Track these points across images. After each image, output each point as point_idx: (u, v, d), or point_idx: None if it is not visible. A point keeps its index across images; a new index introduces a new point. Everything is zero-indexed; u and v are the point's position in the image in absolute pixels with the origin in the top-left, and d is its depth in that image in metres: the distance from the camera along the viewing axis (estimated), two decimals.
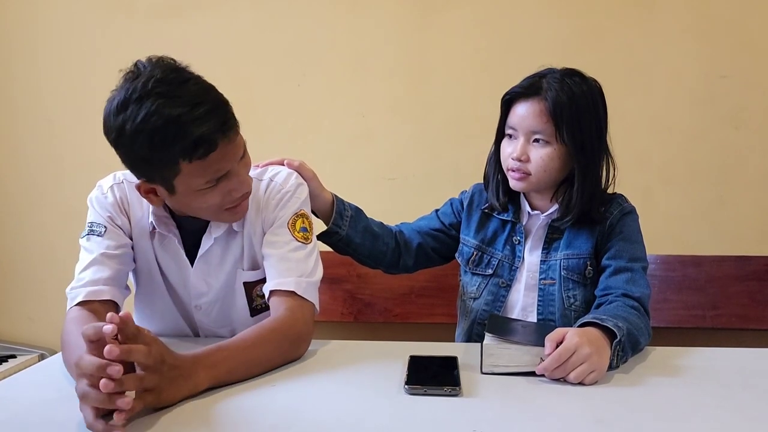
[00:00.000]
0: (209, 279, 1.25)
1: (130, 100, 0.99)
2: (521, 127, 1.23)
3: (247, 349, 1.01)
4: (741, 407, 0.90)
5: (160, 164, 1.03)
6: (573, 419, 0.85)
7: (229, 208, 1.14)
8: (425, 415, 0.87)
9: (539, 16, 1.95)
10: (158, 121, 0.98)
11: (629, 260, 1.23)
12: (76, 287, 1.12)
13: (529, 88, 1.23)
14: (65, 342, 1.03)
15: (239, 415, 0.86)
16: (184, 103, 0.99)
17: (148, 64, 1.03)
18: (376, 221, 1.44)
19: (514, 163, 1.24)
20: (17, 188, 2.18)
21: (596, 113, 1.23)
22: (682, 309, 1.88)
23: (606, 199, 1.29)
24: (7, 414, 0.89)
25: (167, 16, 2.06)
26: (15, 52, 2.13)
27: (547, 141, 1.21)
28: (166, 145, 1.00)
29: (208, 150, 1.02)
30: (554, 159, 1.22)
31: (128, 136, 1.00)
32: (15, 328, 2.20)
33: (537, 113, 1.21)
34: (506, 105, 1.28)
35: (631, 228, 1.27)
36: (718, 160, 1.94)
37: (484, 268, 1.35)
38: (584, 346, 0.98)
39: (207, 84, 1.06)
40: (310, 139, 2.06)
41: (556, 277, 1.28)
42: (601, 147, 1.26)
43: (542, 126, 1.21)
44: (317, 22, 2.03)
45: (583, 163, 1.22)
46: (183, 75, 1.03)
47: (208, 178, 1.06)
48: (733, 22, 1.90)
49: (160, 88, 0.99)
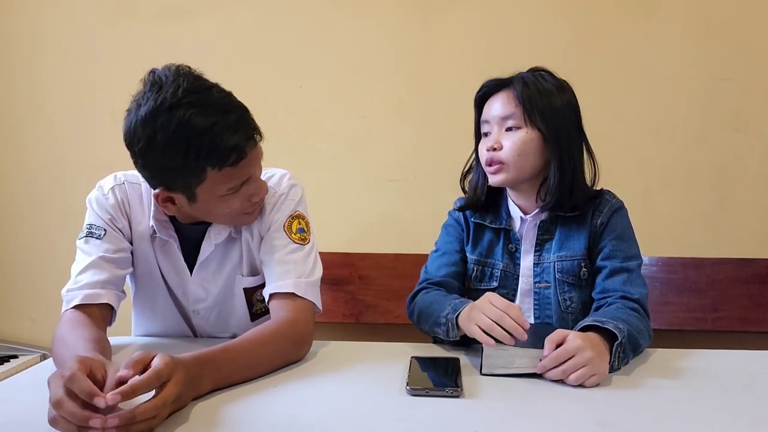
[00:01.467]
0: (207, 285, 1.25)
1: (160, 110, 0.99)
2: (492, 118, 1.25)
3: (250, 352, 1.01)
4: (742, 409, 0.90)
5: (188, 173, 1.04)
6: (574, 421, 0.85)
7: (247, 212, 1.16)
8: (427, 416, 0.87)
9: (540, 18, 1.96)
10: (192, 131, 0.99)
11: (624, 259, 1.23)
12: (72, 289, 1.12)
13: (499, 82, 1.26)
14: (60, 344, 1.01)
15: (242, 417, 0.86)
16: (216, 112, 1.01)
17: (168, 72, 1.03)
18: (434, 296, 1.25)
19: (489, 155, 1.24)
20: (19, 189, 2.19)
21: (569, 108, 1.24)
22: (683, 311, 1.88)
23: (592, 195, 1.28)
24: (8, 415, 0.89)
25: (169, 19, 2.06)
26: (17, 54, 2.14)
27: (518, 126, 1.22)
28: (199, 154, 1.01)
29: (239, 158, 1.04)
30: (527, 143, 1.21)
31: (159, 146, 1.00)
32: (17, 328, 2.21)
33: (506, 100, 1.23)
34: (479, 105, 1.29)
35: (623, 225, 1.27)
36: (718, 163, 1.95)
37: (488, 281, 1.32)
38: (586, 350, 0.98)
39: (227, 91, 1.08)
40: (312, 141, 2.06)
41: (551, 279, 1.27)
42: (579, 136, 1.25)
43: (512, 110, 1.22)
44: (319, 25, 2.03)
45: (558, 148, 1.22)
46: (205, 83, 1.05)
47: (233, 185, 1.08)
48: (734, 25, 1.91)
49: (190, 97, 1.00)
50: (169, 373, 0.82)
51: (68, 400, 0.74)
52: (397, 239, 2.03)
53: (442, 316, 1.15)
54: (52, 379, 0.78)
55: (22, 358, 2.07)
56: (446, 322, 1.13)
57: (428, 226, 1.50)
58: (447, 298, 1.20)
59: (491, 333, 1.01)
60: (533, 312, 1.29)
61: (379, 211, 2.07)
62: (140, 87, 1.04)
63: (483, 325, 1.02)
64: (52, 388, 0.77)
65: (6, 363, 2.01)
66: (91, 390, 0.75)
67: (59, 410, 0.74)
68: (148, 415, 0.78)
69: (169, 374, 0.82)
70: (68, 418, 0.74)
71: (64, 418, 0.74)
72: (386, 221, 2.06)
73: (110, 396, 0.74)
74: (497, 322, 1.01)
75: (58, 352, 1.00)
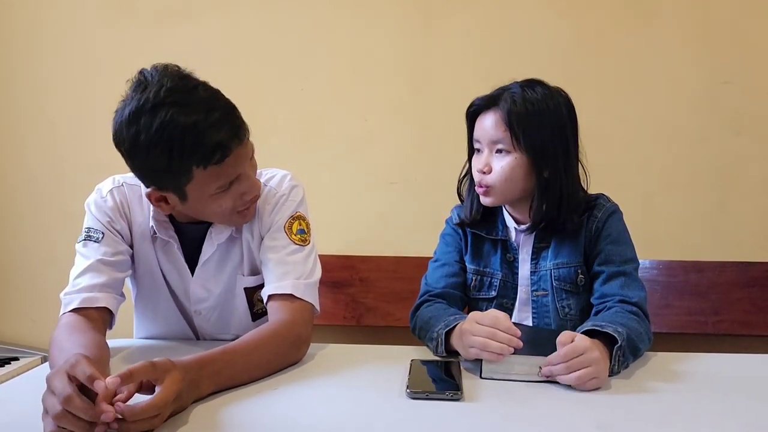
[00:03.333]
0: (209, 285, 1.25)
1: (143, 110, 0.99)
2: (483, 139, 1.24)
3: (249, 353, 1.01)
4: (742, 413, 0.90)
5: (174, 172, 1.04)
6: (574, 424, 0.85)
7: (240, 211, 1.15)
8: (427, 419, 0.87)
9: (541, 21, 1.96)
10: (174, 130, 0.99)
11: (620, 263, 1.23)
12: (70, 293, 1.12)
13: (488, 100, 1.24)
14: (56, 348, 1.01)
15: (242, 418, 0.87)
16: (198, 110, 1.00)
17: (154, 72, 1.03)
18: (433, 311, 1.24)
19: (479, 177, 1.24)
20: (19, 190, 2.19)
21: (558, 121, 1.22)
22: (683, 315, 1.88)
23: (584, 202, 1.27)
24: (9, 416, 0.89)
25: (170, 20, 2.07)
26: (18, 54, 2.14)
27: (507, 150, 1.21)
28: (183, 153, 1.00)
29: (224, 156, 1.03)
30: (515, 168, 1.21)
31: (143, 146, 1.00)
32: (17, 330, 2.21)
33: (495, 123, 1.22)
34: (471, 119, 1.28)
35: (618, 228, 1.26)
36: (719, 165, 1.95)
37: (486, 290, 1.32)
38: (594, 350, 0.98)
39: (214, 89, 1.07)
40: (313, 143, 2.06)
41: (548, 288, 1.27)
42: (567, 156, 1.23)
43: (501, 135, 1.21)
44: (320, 26, 2.04)
45: (545, 172, 1.21)
46: (191, 82, 1.04)
47: (221, 183, 1.07)
48: (735, 28, 1.91)
49: (172, 97, 0.99)
50: (165, 367, 0.83)
51: (78, 396, 0.75)
52: (398, 241, 2.03)
53: (434, 331, 1.15)
54: (55, 376, 0.78)
55: (22, 360, 2.06)
56: (436, 337, 1.14)
57: (429, 228, 1.50)
58: (444, 313, 1.20)
59: (488, 350, 1.01)
60: (532, 320, 1.29)
61: (379, 213, 2.07)
62: (128, 87, 1.04)
63: (478, 346, 1.03)
64: (57, 385, 0.77)
65: (7, 365, 2.01)
66: (92, 374, 0.76)
67: (69, 406, 0.74)
68: (149, 413, 0.78)
69: (165, 368, 0.83)
70: (79, 414, 0.74)
71: (72, 415, 0.74)
72: (387, 223, 2.06)
73: (110, 380, 0.76)
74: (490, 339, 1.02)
75: (54, 355, 1.00)
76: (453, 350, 1.13)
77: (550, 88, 1.24)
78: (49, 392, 0.78)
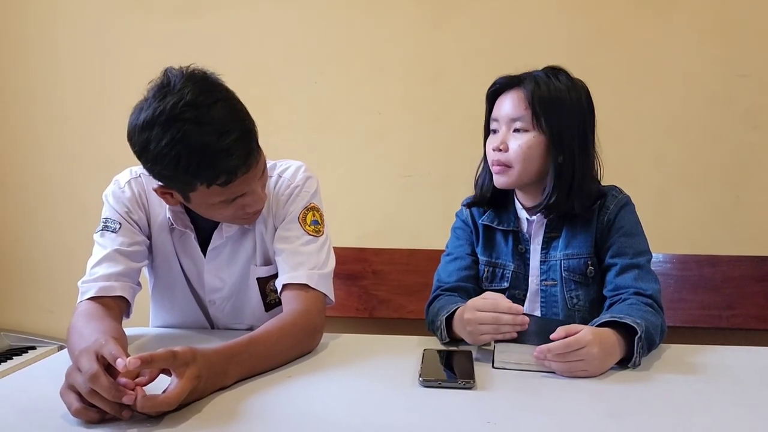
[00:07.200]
0: (222, 275, 1.27)
1: (157, 121, 0.98)
2: (502, 117, 1.24)
3: (272, 344, 1.03)
4: (756, 405, 0.90)
5: (178, 182, 1.05)
6: (585, 413, 0.86)
7: (242, 218, 1.16)
8: (439, 407, 0.87)
9: (554, 15, 1.95)
10: (184, 149, 0.98)
11: (634, 255, 1.22)
12: (88, 281, 1.14)
13: (512, 79, 1.25)
14: (75, 334, 1.03)
15: (257, 406, 0.88)
16: (212, 132, 0.98)
17: (180, 76, 1.01)
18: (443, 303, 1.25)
19: (495, 155, 1.24)
20: (35, 185, 2.21)
21: (578, 112, 1.22)
22: (698, 309, 1.87)
23: (597, 192, 1.26)
24: (26, 402, 0.91)
25: (185, 15, 2.08)
26: (33, 50, 2.16)
27: (526, 129, 1.21)
28: (188, 170, 1.00)
29: (228, 181, 1.03)
30: (533, 147, 1.21)
31: (151, 155, 1.00)
32: (35, 320, 2.24)
33: (516, 101, 1.22)
34: (491, 100, 1.28)
35: (630, 220, 1.26)
36: (735, 160, 1.93)
37: (499, 282, 1.32)
38: (594, 346, 0.99)
39: (235, 105, 1.05)
40: (326, 136, 2.07)
41: (557, 278, 1.27)
42: (583, 145, 1.23)
43: (521, 112, 1.21)
44: (334, 22, 2.04)
45: (560, 157, 1.21)
46: (211, 96, 1.01)
47: (224, 199, 1.08)
48: (752, 21, 1.89)
49: (189, 113, 0.98)
50: (185, 359, 0.84)
51: (104, 374, 0.78)
52: (411, 235, 2.04)
53: (438, 320, 1.18)
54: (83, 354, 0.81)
55: (40, 349, 2.11)
56: (439, 325, 1.16)
57: (441, 222, 1.51)
58: (448, 302, 1.22)
59: (501, 333, 1.04)
60: (540, 310, 1.29)
61: (392, 206, 2.07)
62: (151, 86, 1.03)
63: (491, 333, 1.05)
64: (84, 363, 0.79)
65: (24, 354, 2.05)
66: (117, 353, 0.79)
67: (94, 384, 0.77)
68: (159, 409, 0.80)
69: (185, 361, 0.84)
70: (102, 392, 0.77)
71: (96, 393, 0.77)
72: (400, 217, 2.07)
73: (131, 360, 0.78)
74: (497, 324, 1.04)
75: (74, 341, 1.01)
76: (458, 338, 1.15)
77: (573, 79, 1.24)
78: (74, 369, 0.81)
